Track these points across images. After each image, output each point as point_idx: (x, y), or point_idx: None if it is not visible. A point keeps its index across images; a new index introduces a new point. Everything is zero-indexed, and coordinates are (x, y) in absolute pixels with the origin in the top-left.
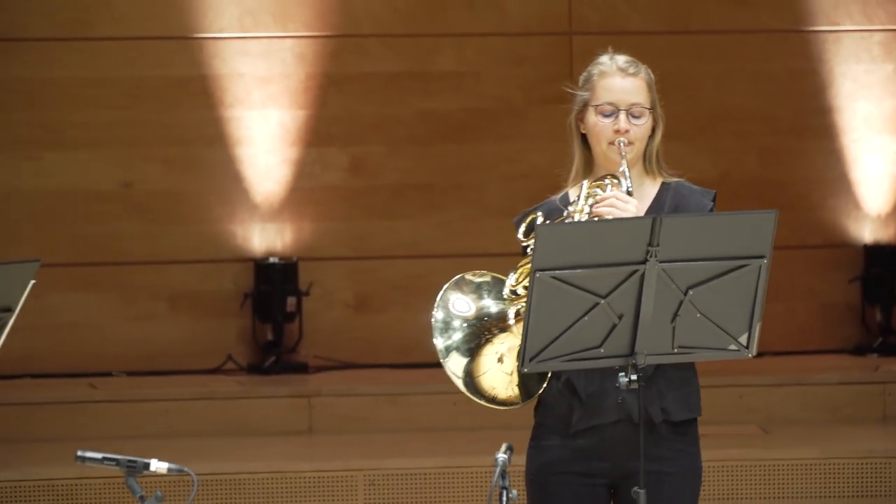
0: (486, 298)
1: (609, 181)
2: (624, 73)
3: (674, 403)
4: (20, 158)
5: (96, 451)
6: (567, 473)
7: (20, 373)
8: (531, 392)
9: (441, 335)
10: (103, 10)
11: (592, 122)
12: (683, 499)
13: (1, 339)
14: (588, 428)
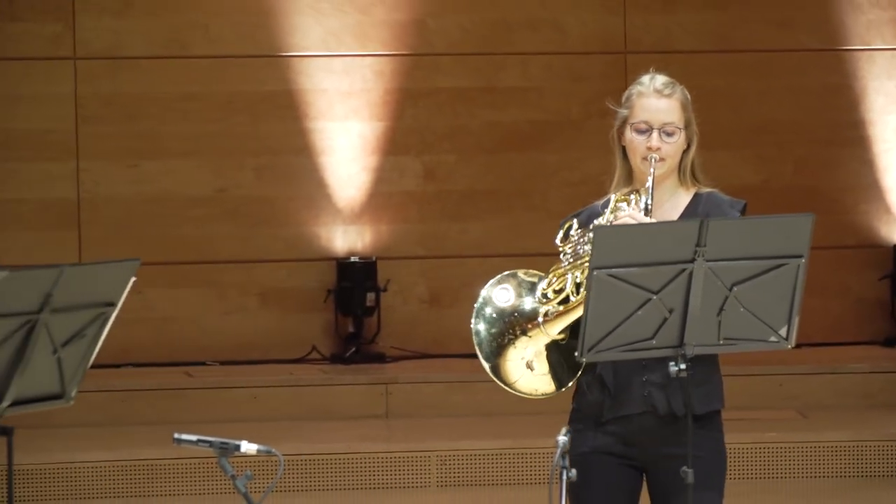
0: (525, 296)
1: (633, 196)
2: (660, 95)
3: (697, 399)
4: (122, 166)
5: (192, 434)
6: (603, 455)
7: (122, 362)
8: (564, 383)
9: (476, 333)
10: (199, 31)
11: (629, 138)
12: (710, 480)
13: (104, 332)
14: (617, 417)
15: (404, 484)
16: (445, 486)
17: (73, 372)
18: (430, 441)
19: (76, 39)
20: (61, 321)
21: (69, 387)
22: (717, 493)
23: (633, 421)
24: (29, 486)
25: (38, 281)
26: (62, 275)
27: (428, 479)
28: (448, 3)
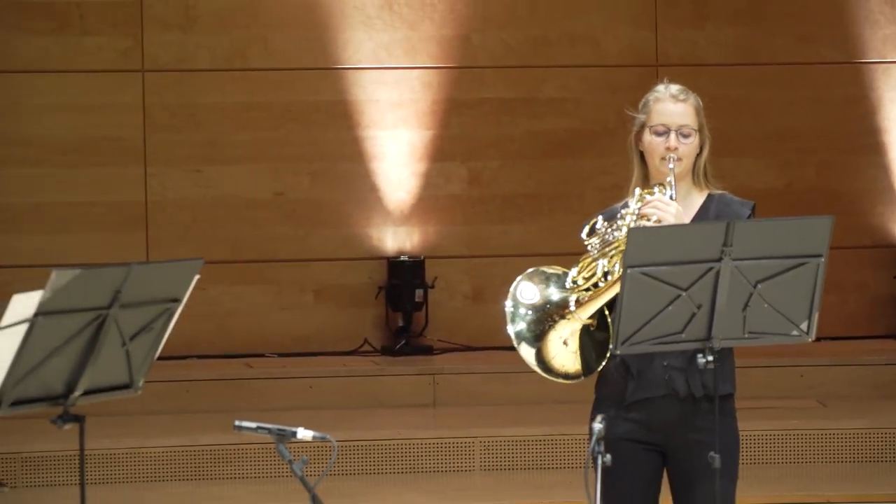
0: (550, 287)
1: (658, 189)
2: (675, 100)
3: (714, 378)
4: (188, 171)
5: (251, 422)
6: (627, 441)
7: (186, 354)
8: (592, 368)
9: (511, 322)
10: (259, 45)
11: (648, 141)
12: (726, 460)
13: (170, 326)
14: (640, 400)
15: (450, 468)
16: (488, 469)
17: (140, 363)
18: (473, 428)
19: (144, 53)
20: (130, 316)
21: (137, 377)
22: (732, 481)
23: (654, 404)
24: (99, 470)
25: (109, 279)
26: (131, 273)
27: (472, 464)
28: (491, 20)
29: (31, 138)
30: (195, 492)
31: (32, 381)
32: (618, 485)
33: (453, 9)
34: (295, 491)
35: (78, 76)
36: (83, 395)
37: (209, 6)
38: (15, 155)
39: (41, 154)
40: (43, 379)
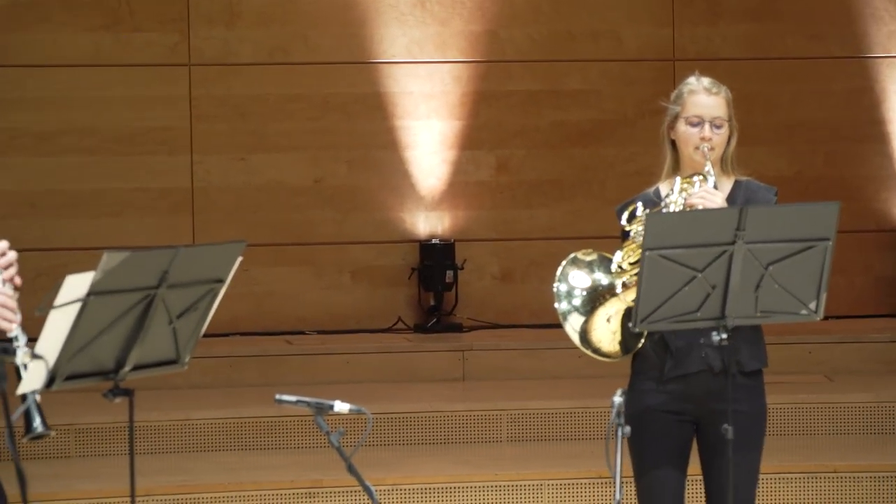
0: (597, 272)
1: (698, 178)
2: (708, 92)
3: (746, 356)
4: (233, 159)
5: (291, 395)
6: (660, 412)
7: (230, 331)
8: (630, 348)
9: (562, 302)
10: (300, 40)
11: (682, 131)
12: (753, 432)
13: (215, 305)
14: (677, 376)
15: (479, 439)
16: (515, 440)
17: (186, 340)
18: (501, 401)
19: (191, 48)
20: (176, 295)
21: (183, 353)
22: (758, 451)
23: (690, 379)
24: (148, 441)
25: (157, 260)
26: (177, 255)
27: (500, 435)
28: (518, 16)
29: (86, 128)
30: (239, 461)
31: (85, 357)
32: (651, 452)
33: (481, 6)
34: (332, 461)
35: (129, 70)
36: (132, 370)
37: (252, 4)
38: (71, 144)
39: (95, 143)
40: (95, 355)
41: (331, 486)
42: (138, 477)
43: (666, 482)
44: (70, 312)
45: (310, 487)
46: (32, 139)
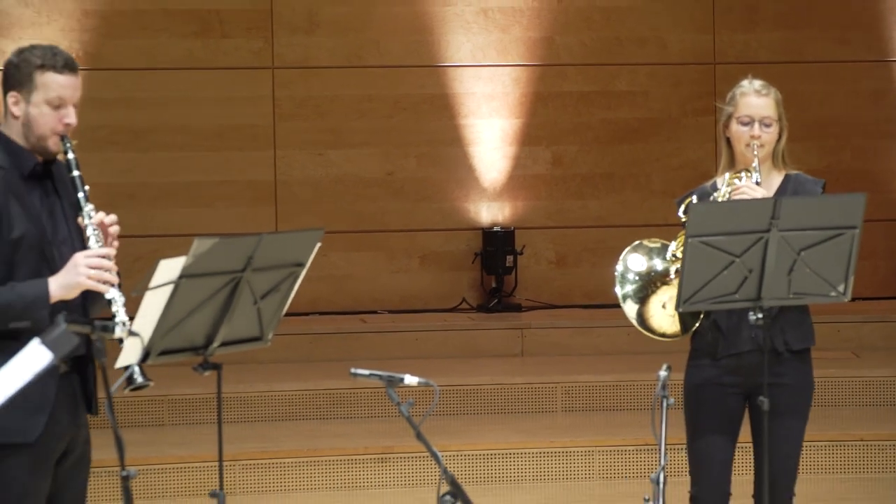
0: (654, 259)
1: (744, 174)
2: (759, 94)
3: (792, 337)
4: (312, 154)
5: (365, 369)
6: (715, 385)
7: (309, 311)
8: (688, 328)
9: (618, 286)
10: (373, 46)
11: (735, 130)
12: (799, 404)
13: (295, 287)
14: (729, 354)
15: (535, 409)
16: (569, 411)
17: (269, 319)
18: (556, 375)
19: (274, 53)
20: (261, 278)
21: (267, 331)
22: (803, 420)
23: (742, 356)
24: (234, 411)
25: (243, 246)
26: (262, 241)
27: (555, 406)
28: (571, 24)
29: (179, 126)
30: (317, 429)
31: (177, 335)
32: (705, 421)
33: (539, 14)
34: (402, 429)
35: (218, 73)
36: (220, 346)
37: (330, 13)
38: (165, 140)
39: (187, 140)
40: (186, 332)
41: (401, 451)
42: (225, 444)
43: (716, 449)
44: (164, 294)
45: (381, 453)
46: (130, 136)
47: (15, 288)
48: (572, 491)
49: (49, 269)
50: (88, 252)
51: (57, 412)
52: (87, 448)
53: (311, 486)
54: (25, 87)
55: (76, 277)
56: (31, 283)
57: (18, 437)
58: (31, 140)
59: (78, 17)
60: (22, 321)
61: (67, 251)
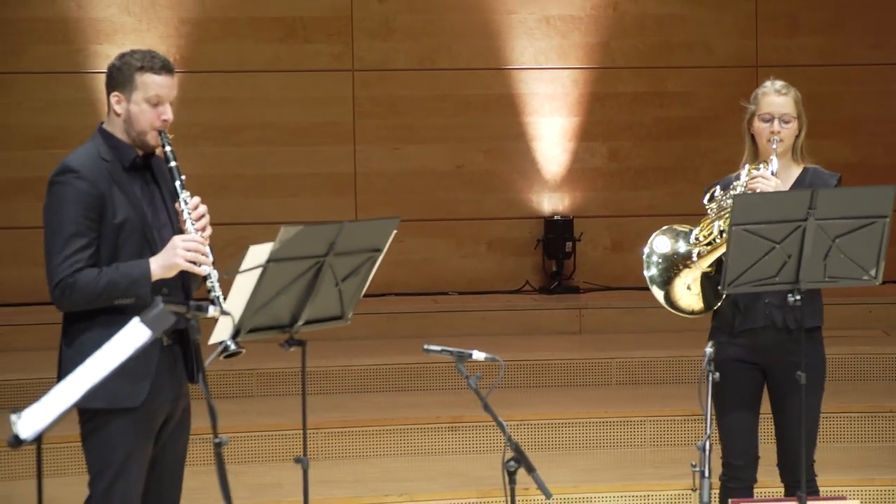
0: (679, 242)
1: (762, 165)
2: (779, 93)
3: (807, 315)
4: (388, 149)
5: (437, 345)
6: (733, 361)
7: (386, 292)
8: (711, 305)
9: (646, 270)
10: (445, 50)
11: (757, 126)
12: (815, 378)
13: (374, 270)
14: (745, 330)
15: (592, 382)
16: (623, 384)
17: (349, 299)
18: (611, 351)
19: (354, 56)
20: (342, 262)
21: (347, 310)
22: (818, 393)
23: (757, 333)
24: (317, 383)
25: (325, 233)
26: (343, 228)
27: (609, 379)
28: (626, 30)
29: (267, 123)
30: (392, 401)
31: (265, 314)
32: (728, 395)
33: (596, 21)
34: (471, 400)
35: (302, 75)
36: (304, 324)
37: (405, 20)
38: (254, 137)
39: (274, 136)
40: (273, 311)
41: (469, 421)
42: (308, 413)
43: (740, 420)
44: (253, 276)
45: (451, 423)
46: (221, 132)
47: (119, 268)
48: (625, 458)
49: (150, 251)
50: (185, 236)
51: (159, 380)
52: (188, 415)
53: (387, 453)
54: (127, 87)
55: (174, 258)
56: (134, 263)
57: (125, 403)
58: (131, 135)
59: (175, 24)
60: (126, 298)
61: (167, 234)
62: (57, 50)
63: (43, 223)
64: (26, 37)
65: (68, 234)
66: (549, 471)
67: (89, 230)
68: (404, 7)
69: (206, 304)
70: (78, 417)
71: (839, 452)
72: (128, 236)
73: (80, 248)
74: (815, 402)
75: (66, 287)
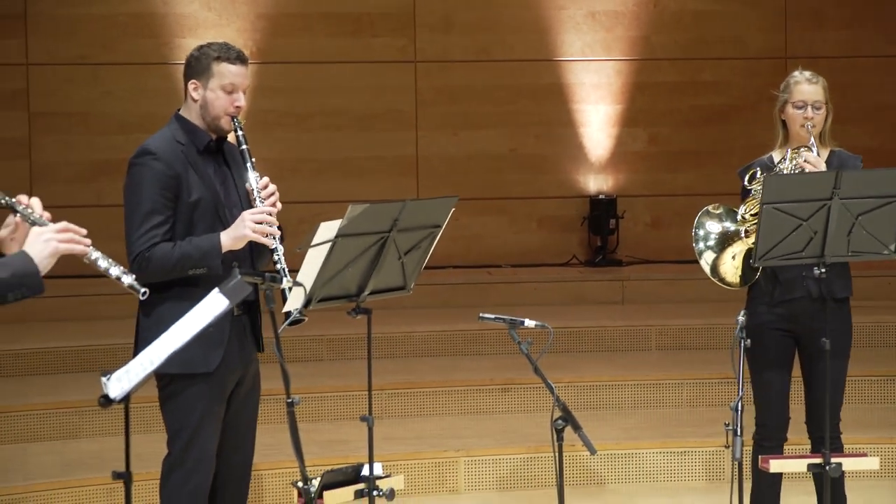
0: (726, 221)
1: (804, 149)
2: (809, 82)
3: (837, 287)
4: (448, 134)
5: (491, 314)
6: (769, 328)
7: (445, 264)
8: (747, 280)
9: (699, 243)
10: (500, 43)
11: (790, 112)
12: (842, 345)
13: (433, 244)
14: (783, 301)
15: (633, 348)
16: (662, 349)
17: (412, 271)
18: (650, 319)
19: (416, 49)
20: (404, 237)
21: (409, 281)
22: (845, 358)
23: (793, 302)
24: (382, 348)
25: (389, 211)
26: (405, 206)
27: (649, 345)
28: (665, 25)
29: (336, 110)
30: (451, 364)
31: (334, 284)
32: (764, 360)
33: (638, 17)
34: (522, 365)
35: (368, 66)
36: (370, 294)
37: (463, 15)
38: (324, 122)
39: (343, 122)
40: (341, 282)
41: (521, 383)
42: (374, 376)
43: (773, 381)
44: (323, 250)
45: (504, 384)
46: (294, 119)
47: (192, 241)
48: (664, 417)
49: (222, 227)
50: (254, 210)
51: (231, 348)
52: (257, 379)
53: (445, 412)
54: (204, 75)
55: (243, 230)
56: (206, 236)
57: (200, 368)
58: (207, 120)
59: (252, 19)
60: (199, 268)
61: (237, 213)
62: (144, 43)
63: (123, 202)
64: (117, 31)
65: (146, 211)
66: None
67: (165, 208)
68: (462, 4)
69: (281, 275)
70: (156, 382)
71: (862, 413)
72: (201, 214)
73: (157, 225)
74: (841, 367)
75: (144, 260)
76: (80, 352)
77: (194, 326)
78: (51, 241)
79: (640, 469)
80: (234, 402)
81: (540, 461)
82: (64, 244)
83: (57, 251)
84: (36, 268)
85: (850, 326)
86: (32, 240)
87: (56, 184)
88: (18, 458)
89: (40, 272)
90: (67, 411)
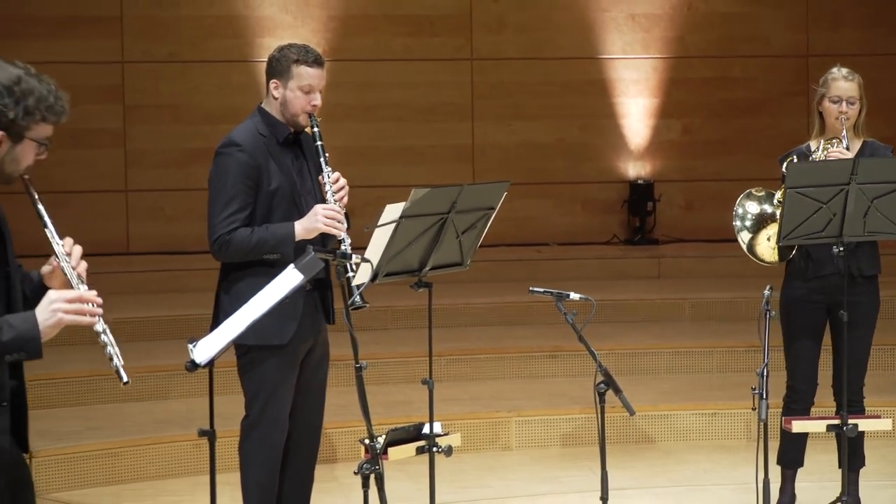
0: (764, 204)
1: (835, 140)
2: (846, 79)
3: (864, 264)
4: (501, 125)
5: (540, 287)
6: (804, 302)
7: (498, 243)
8: (784, 257)
9: (737, 221)
10: (549, 42)
11: (827, 106)
12: (869, 318)
13: (488, 225)
14: (816, 276)
15: (668, 319)
16: (695, 320)
17: (468, 249)
18: (685, 293)
19: (472, 48)
20: (461, 218)
21: (466, 258)
22: (871, 329)
23: (826, 279)
24: (441, 319)
25: (448, 194)
26: (463, 190)
27: (683, 316)
28: (697, 26)
29: (398, 103)
30: (503, 333)
31: (398, 260)
32: (797, 329)
33: (673, 18)
34: (568, 334)
35: (428, 63)
36: (430, 269)
37: (516, 17)
38: (387, 114)
39: (405, 114)
40: (405, 259)
41: (567, 350)
42: (434, 343)
43: (805, 349)
44: (388, 230)
45: (551, 351)
46: (360, 111)
47: (269, 228)
48: (695, 382)
49: (298, 214)
50: (325, 205)
51: (304, 321)
52: (327, 348)
53: (498, 376)
54: (284, 76)
55: (315, 223)
56: (281, 224)
57: (274, 340)
58: (286, 116)
59: (324, 21)
60: (273, 254)
61: (311, 201)
62: (228, 42)
63: (208, 187)
64: (203, 31)
65: (228, 197)
66: (633, 392)
67: (246, 196)
68: (515, 6)
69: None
70: (234, 352)
71: (884, 380)
72: (279, 201)
73: (237, 210)
74: (867, 338)
75: (224, 243)
76: (170, 321)
77: (271, 299)
78: (57, 312)
79: (675, 429)
80: (306, 368)
81: (584, 421)
82: (70, 315)
83: (61, 323)
84: (38, 335)
85: (878, 300)
86: (44, 305)
87: (148, 169)
88: (116, 416)
89: (41, 339)
90: (159, 374)
